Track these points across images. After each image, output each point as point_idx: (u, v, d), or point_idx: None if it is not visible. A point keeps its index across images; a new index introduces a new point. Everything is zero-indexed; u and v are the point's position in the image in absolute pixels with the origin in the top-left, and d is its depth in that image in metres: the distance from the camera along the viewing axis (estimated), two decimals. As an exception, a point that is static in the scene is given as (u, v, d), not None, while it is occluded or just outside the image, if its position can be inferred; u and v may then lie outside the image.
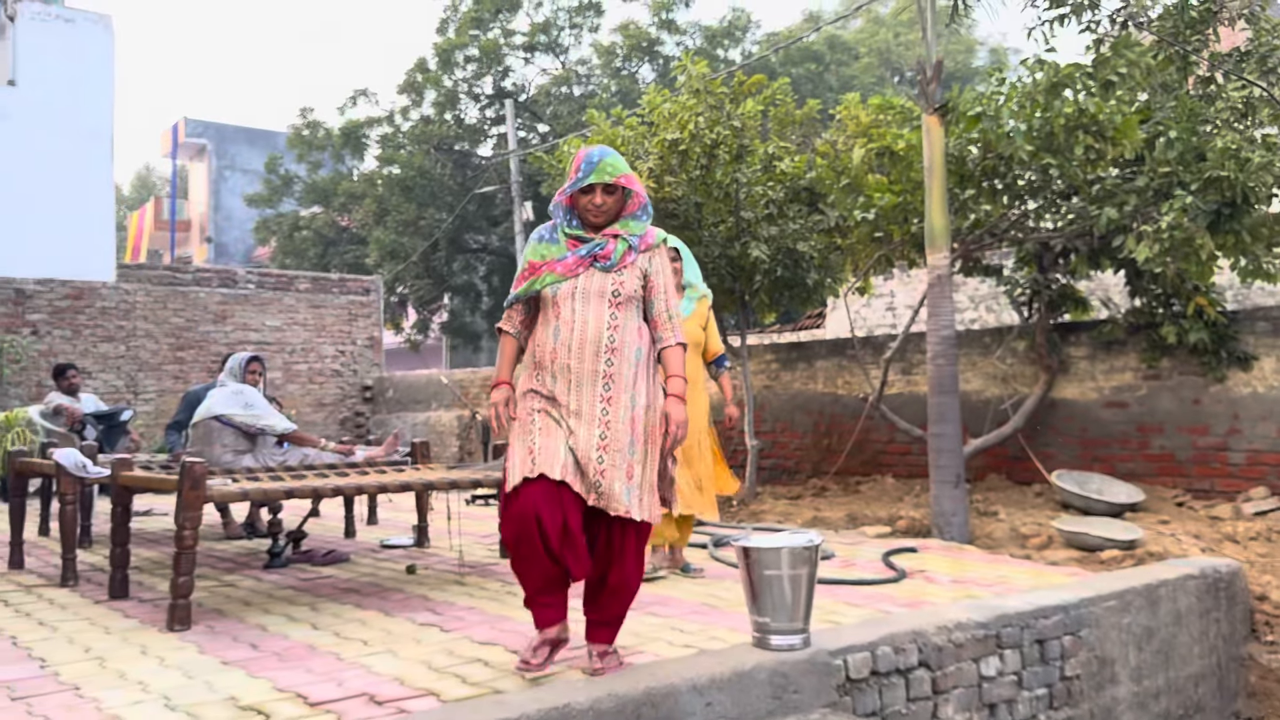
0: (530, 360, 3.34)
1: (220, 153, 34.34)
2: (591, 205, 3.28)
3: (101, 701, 3.06)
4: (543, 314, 3.33)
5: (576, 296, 3.25)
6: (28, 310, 12.36)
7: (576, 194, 3.30)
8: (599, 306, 3.25)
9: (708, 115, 7.76)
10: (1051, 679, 4.42)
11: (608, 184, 3.26)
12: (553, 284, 3.28)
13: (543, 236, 3.38)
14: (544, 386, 3.26)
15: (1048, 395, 8.30)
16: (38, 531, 7.14)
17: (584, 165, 3.25)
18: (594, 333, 3.22)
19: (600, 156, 3.26)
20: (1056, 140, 6.73)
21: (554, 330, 3.25)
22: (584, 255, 3.28)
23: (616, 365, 3.23)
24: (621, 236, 3.31)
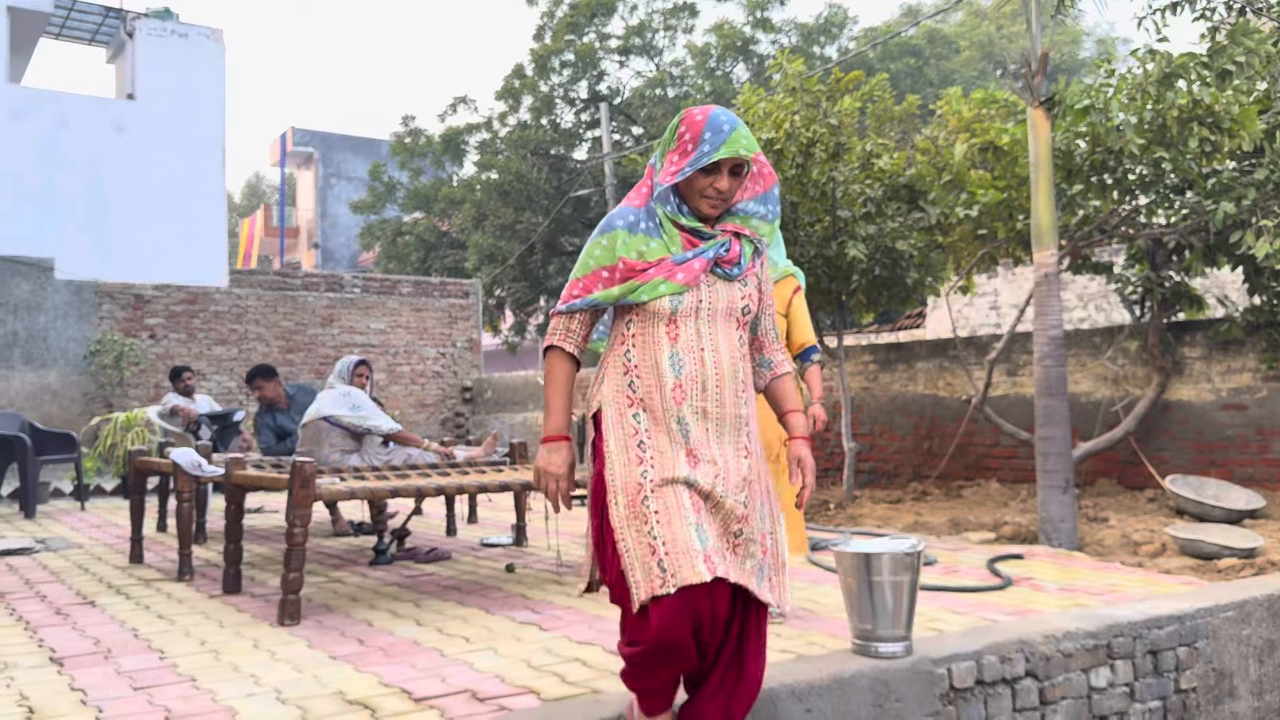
0: (621, 400, 2.46)
1: (326, 161, 35.35)
2: (713, 190, 2.45)
3: (217, 693, 3.17)
4: (640, 335, 2.46)
5: (702, 315, 2.45)
6: (146, 315, 12.90)
7: (695, 176, 2.44)
8: (728, 329, 2.49)
9: (804, 113, 7.69)
10: (1166, 691, 4.25)
11: (739, 161, 2.44)
12: (671, 295, 2.44)
13: (635, 225, 2.49)
14: (656, 439, 2.43)
15: (1161, 397, 8.01)
16: (156, 528, 7.44)
17: (709, 133, 2.40)
18: (729, 364, 2.46)
19: (732, 126, 2.42)
20: (1169, 133, 6.49)
21: (672, 359, 2.42)
22: (708, 257, 2.47)
23: (750, 408, 2.54)
24: (745, 236, 2.55)
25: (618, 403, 2.47)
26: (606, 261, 2.48)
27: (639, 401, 2.45)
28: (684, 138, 2.44)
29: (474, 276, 21.07)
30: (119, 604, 4.67)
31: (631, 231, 2.48)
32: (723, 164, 2.42)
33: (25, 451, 8.60)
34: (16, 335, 11.81)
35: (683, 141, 2.44)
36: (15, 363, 11.77)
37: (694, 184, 2.45)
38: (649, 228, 2.49)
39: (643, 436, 2.42)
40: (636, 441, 2.41)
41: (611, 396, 2.48)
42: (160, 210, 14.00)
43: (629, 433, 2.43)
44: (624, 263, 2.46)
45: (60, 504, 9.72)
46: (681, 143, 2.44)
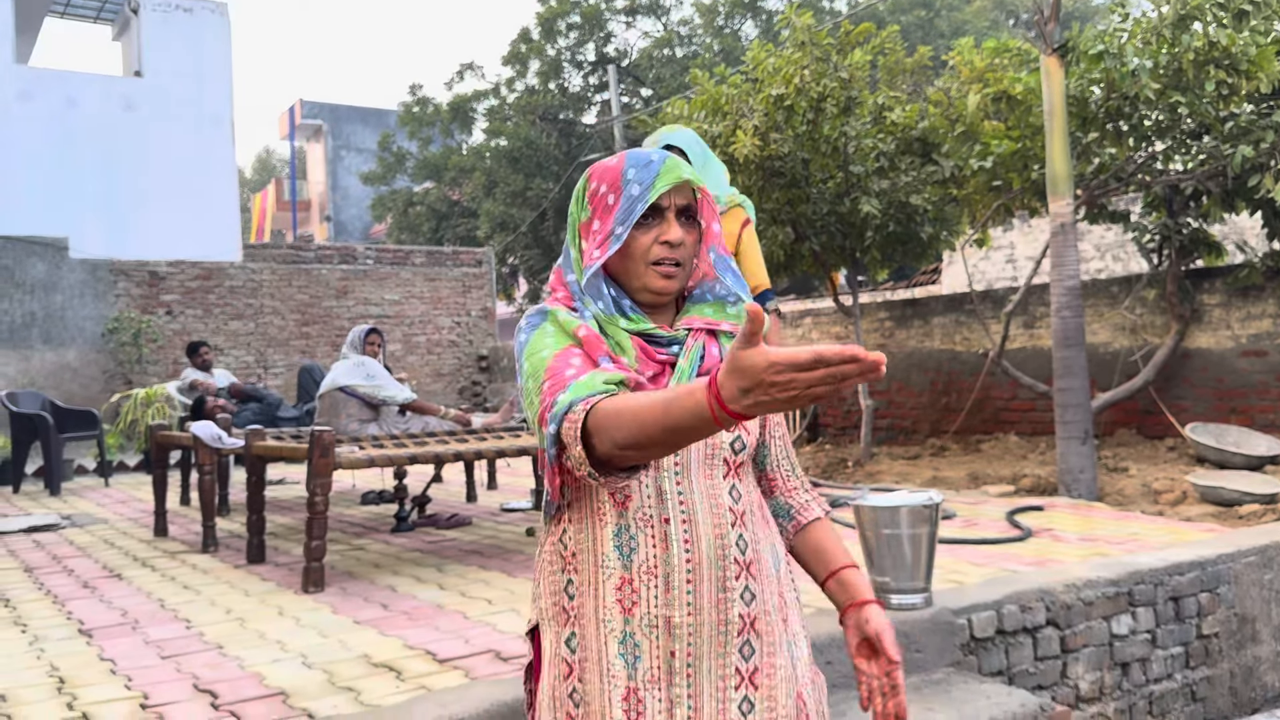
0: (556, 616, 1.54)
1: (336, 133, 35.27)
2: (662, 248, 1.55)
3: (244, 659, 3.21)
4: (576, 501, 1.54)
5: (662, 465, 1.51)
6: (162, 291, 12.94)
7: (632, 236, 1.55)
8: (709, 481, 1.52)
9: (814, 68, 7.60)
10: (1188, 637, 4.26)
11: (688, 201, 1.58)
12: None
13: (559, 309, 1.58)
14: (588, 685, 1.49)
15: (1180, 345, 7.95)
16: (179, 501, 7.51)
17: (633, 170, 1.55)
18: (712, 540, 1.49)
19: (662, 155, 1.57)
20: (1185, 77, 6.39)
21: (617, 539, 1.49)
22: (684, 378, 1.54)
23: (760, 597, 1.52)
24: (726, 334, 1.61)
25: (554, 621, 1.53)
26: (562, 343, 1.52)
27: (574, 617, 1.50)
28: (598, 195, 1.56)
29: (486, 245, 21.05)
30: (145, 576, 4.72)
31: (569, 312, 1.58)
32: (666, 207, 1.54)
33: (48, 429, 8.68)
34: (34, 315, 11.88)
35: (598, 200, 1.56)
36: (34, 342, 11.85)
37: (632, 252, 1.54)
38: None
39: (575, 682, 1.49)
40: (568, 690, 1.49)
41: (549, 612, 1.54)
42: (172, 187, 14.00)
43: (559, 675, 1.50)
44: (579, 338, 1.52)
45: (84, 481, 9.82)
46: (597, 202, 1.56)
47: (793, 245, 8.62)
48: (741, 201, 3.78)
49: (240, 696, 2.82)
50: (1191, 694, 4.28)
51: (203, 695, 2.84)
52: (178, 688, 2.92)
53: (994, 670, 3.60)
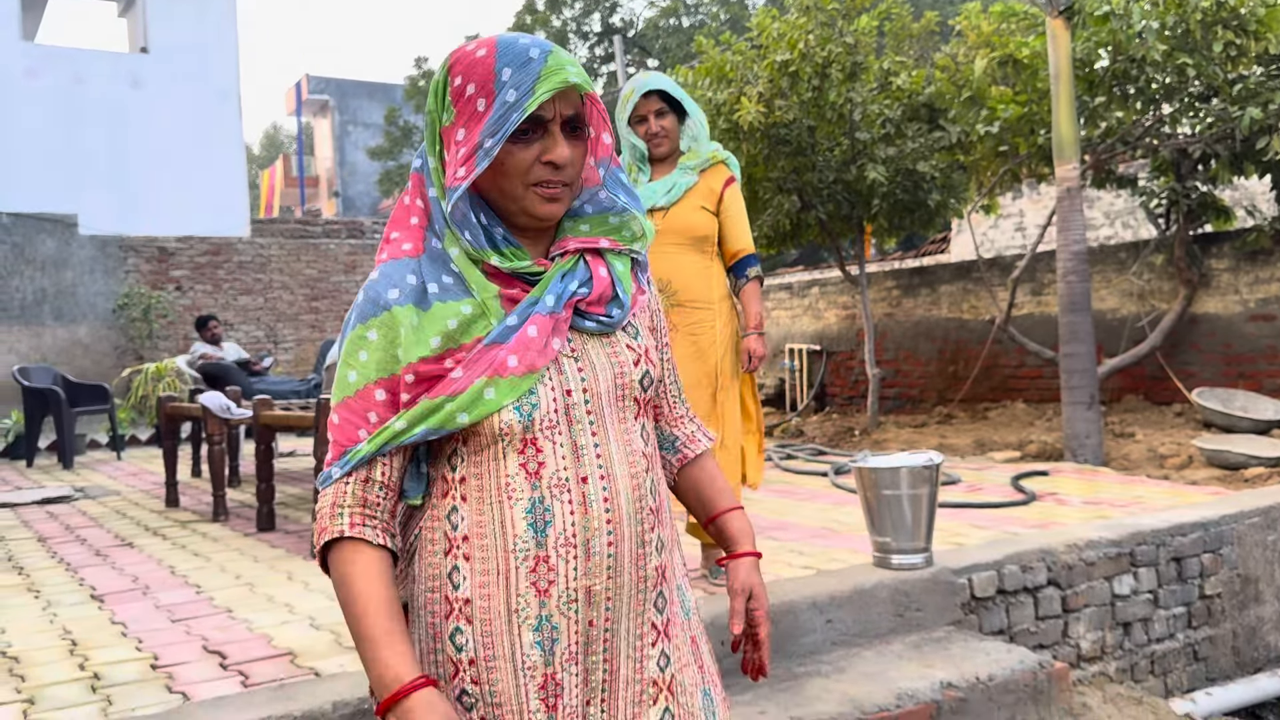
0: (435, 610, 1.33)
1: (342, 108, 35.19)
2: (544, 169, 1.30)
3: (252, 622, 3.25)
4: (473, 481, 1.31)
5: (577, 415, 1.33)
6: (171, 267, 12.99)
7: (508, 151, 1.28)
8: (623, 425, 1.37)
9: (819, 33, 7.56)
10: (1190, 598, 4.28)
11: (576, 108, 1.32)
12: (514, 403, 1.29)
13: (421, 290, 1.32)
14: (491, 682, 1.30)
15: (1187, 310, 7.93)
16: (190, 474, 7.58)
17: (509, 68, 1.26)
18: (630, 493, 1.35)
19: (544, 49, 1.29)
20: (1193, 38, 6.34)
21: (531, 514, 1.29)
22: (552, 307, 1.32)
23: (666, 543, 1.42)
24: (611, 251, 1.40)
25: (429, 614, 1.33)
26: (382, 372, 1.29)
27: (462, 610, 1.30)
28: (464, 95, 1.28)
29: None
30: (156, 544, 4.78)
31: (420, 305, 1.30)
32: (550, 119, 1.28)
33: (60, 404, 8.75)
34: (45, 291, 11.95)
35: (465, 102, 1.28)
36: (46, 318, 11.93)
37: (508, 169, 1.28)
38: (445, 287, 1.31)
39: (466, 684, 1.30)
40: (456, 694, 1.31)
41: (422, 601, 1.34)
42: (180, 163, 14.03)
43: (445, 677, 1.31)
44: (415, 369, 1.28)
45: (97, 454, 9.91)
46: (463, 105, 1.28)
47: (799, 214, 8.61)
48: (726, 158, 3.56)
49: (249, 657, 2.86)
50: (1194, 654, 4.30)
51: (212, 656, 2.89)
52: (187, 649, 2.97)
53: (995, 629, 3.63)
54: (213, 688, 2.59)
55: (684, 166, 3.51)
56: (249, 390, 7.24)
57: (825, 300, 11.82)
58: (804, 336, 12.08)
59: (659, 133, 3.49)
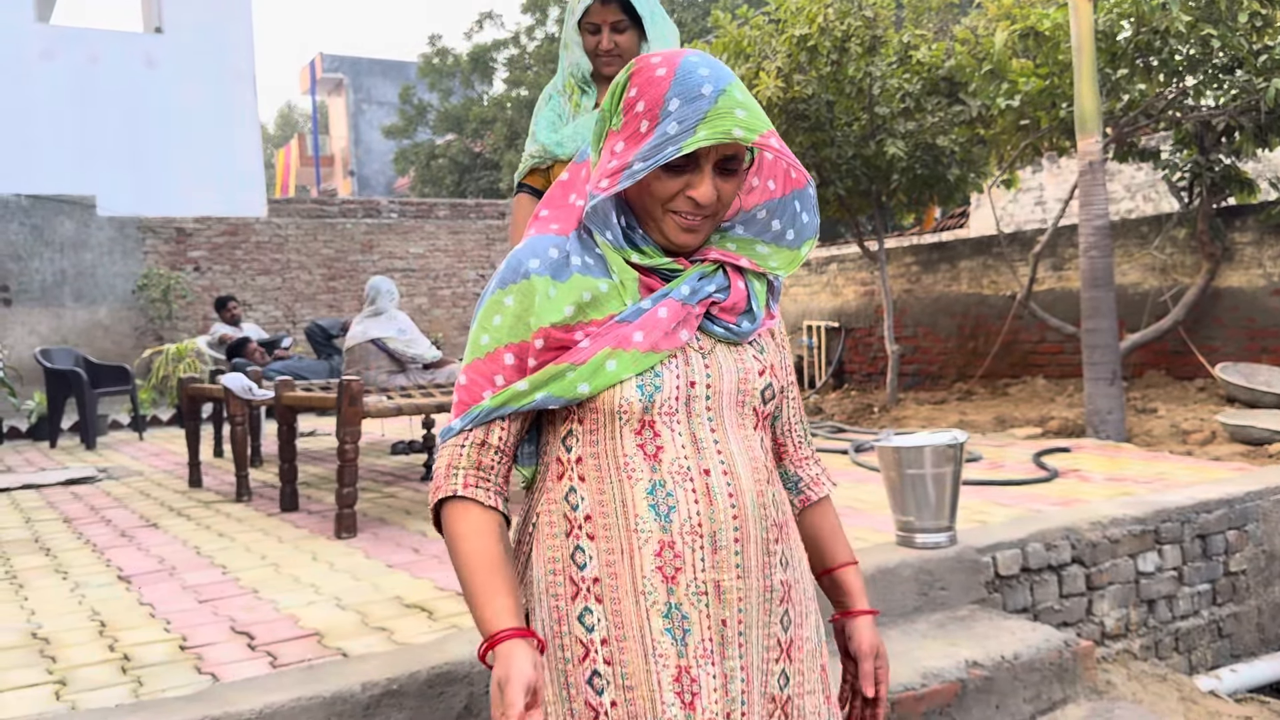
0: (560, 591, 1.33)
1: (357, 86, 35.13)
2: (686, 203, 1.30)
3: (278, 602, 3.28)
4: (591, 459, 1.33)
5: (698, 408, 1.33)
6: (189, 248, 13.03)
7: (655, 175, 1.29)
8: (743, 430, 1.36)
9: (838, 6, 7.48)
10: (1215, 574, 4.26)
11: (734, 151, 1.30)
12: (636, 378, 1.30)
13: (562, 264, 1.35)
14: (624, 663, 1.29)
15: (1210, 285, 7.86)
16: (213, 454, 7.63)
17: (677, 100, 1.26)
18: (754, 494, 1.33)
19: (718, 87, 1.26)
20: (1217, 8, 6.25)
21: (652, 496, 1.29)
22: (685, 298, 1.33)
23: (792, 563, 1.40)
24: (750, 271, 1.39)
25: (552, 596, 1.32)
26: (513, 337, 1.32)
27: (590, 589, 1.30)
28: (633, 109, 1.28)
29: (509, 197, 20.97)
30: (180, 525, 4.82)
31: (557, 276, 1.32)
32: (704, 156, 1.27)
33: (82, 385, 8.81)
34: (65, 273, 12.01)
35: (632, 116, 1.28)
36: (66, 300, 12.00)
37: (653, 191, 1.29)
38: (587, 265, 1.34)
39: (598, 665, 1.29)
40: (584, 676, 1.29)
41: (544, 585, 1.33)
42: (196, 143, 14.04)
43: (573, 659, 1.30)
44: (547, 333, 1.30)
45: (119, 435, 9.99)
46: (630, 117, 1.29)
47: (817, 190, 8.54)
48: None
49: (276, 637, 2.88)
50: (1218, 630, 4.29)
51: (240, 636, 2.91)
52: (215, 629, 2.99)
53: (1019, 607, 3.62)
54: (242, 668, 2.61)
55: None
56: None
57: (844, 276, 11.77)
58: (822, 313, 12.03)
59: (611, 49, 2.83)
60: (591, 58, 2.87)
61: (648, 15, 2.84)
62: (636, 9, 2.81)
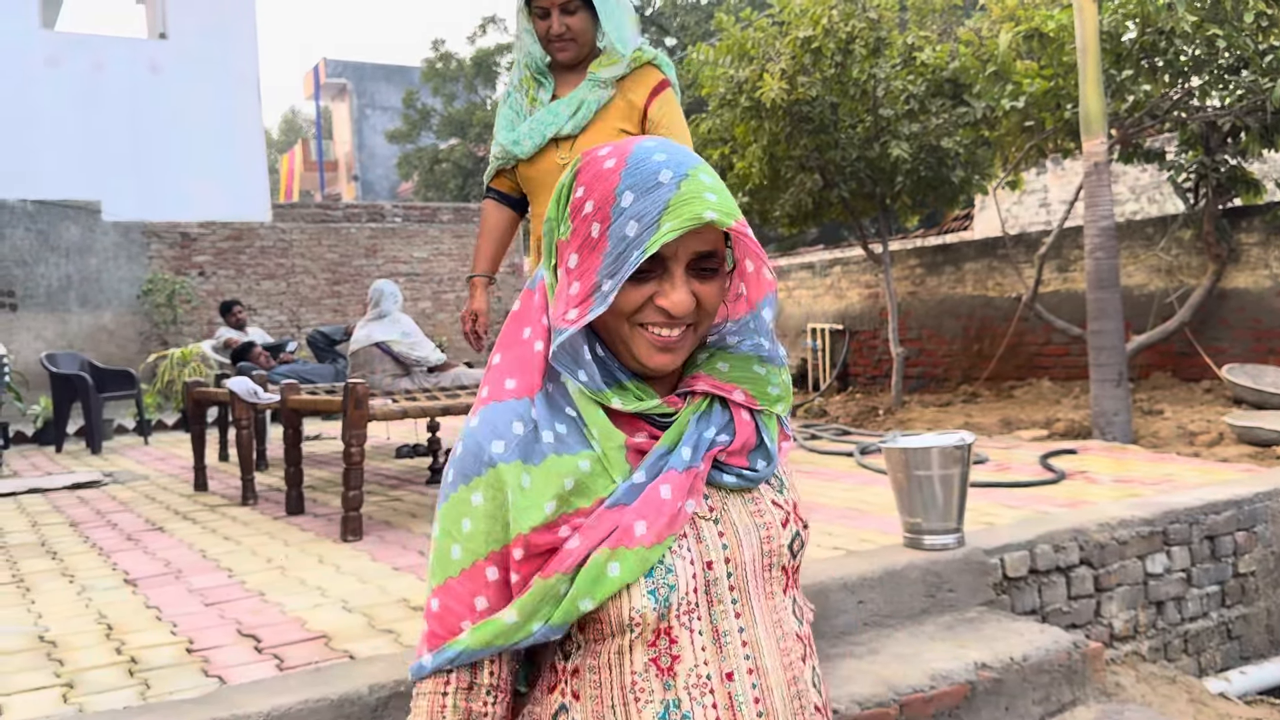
0: None
1: (360, 91, 35.20)
2: (656, 314, 1.07)
3: (285, 605, 3.27)
4: (590, 674, 1.08)
5: (720, 593, 1.09)
6: (194, 253, 13.05)
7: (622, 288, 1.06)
8: (770, 603, 1.14)
9: (842, 8, 7.48)
10: (1224, 576, 4.24)
11: (710, 245, 1.08)
12: (645, 582, 1.05)
13: (530, 445, 1.07)
14: None
15: (1216, 286, 7.83)
16: (218, 457, 7.63)
17: (631, 190, 1.04)
18: (784, 690, 1.12)
19: (680, 168, 1.05)
20: (1223, 9, 6.24)
21: (661, 718, 1.05)
22: (688, 461, 1.08)
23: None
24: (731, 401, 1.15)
25: None
26: (492, 543, 1.07)
27: None
28: (581, 210, 1.07)
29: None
30: (186, 528, 4.82)
31: (529, 460, 1.07)
32: (673, 256, 1.06)
33: (88, 389, 8.82)
34: (70, 278, 12.03)
35: (581, 220, 1.07)
36: (71, 305, 12.02)
37: (615, 304, 1.07)
38: (561, 438, 1.08)
39: None
40: None
41: None
42: (200, 148, 14.07)
43: None
44: (526, 541, 1.05)
45: (124, 439, 9.99)
46: (580, 222, 1.07)
47: (821, 192, 8.55)
48: (653, 56, 2.68)
49: (283, 640, 2.88)
50: (1228, 632, 4.27)
51: (246, 639, 2.91)
52: (222, 632, 2.99)
53: (1027, 609, 3.61)
54: (249, 671, 2.61)
55: (594, 79, 2.63)
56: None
57: (848, 279, 11.76)
58: (826, 316, 12.02)
59: (563, 33, 2.60)
60: (544, 45, 2.65)
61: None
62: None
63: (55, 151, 13.09)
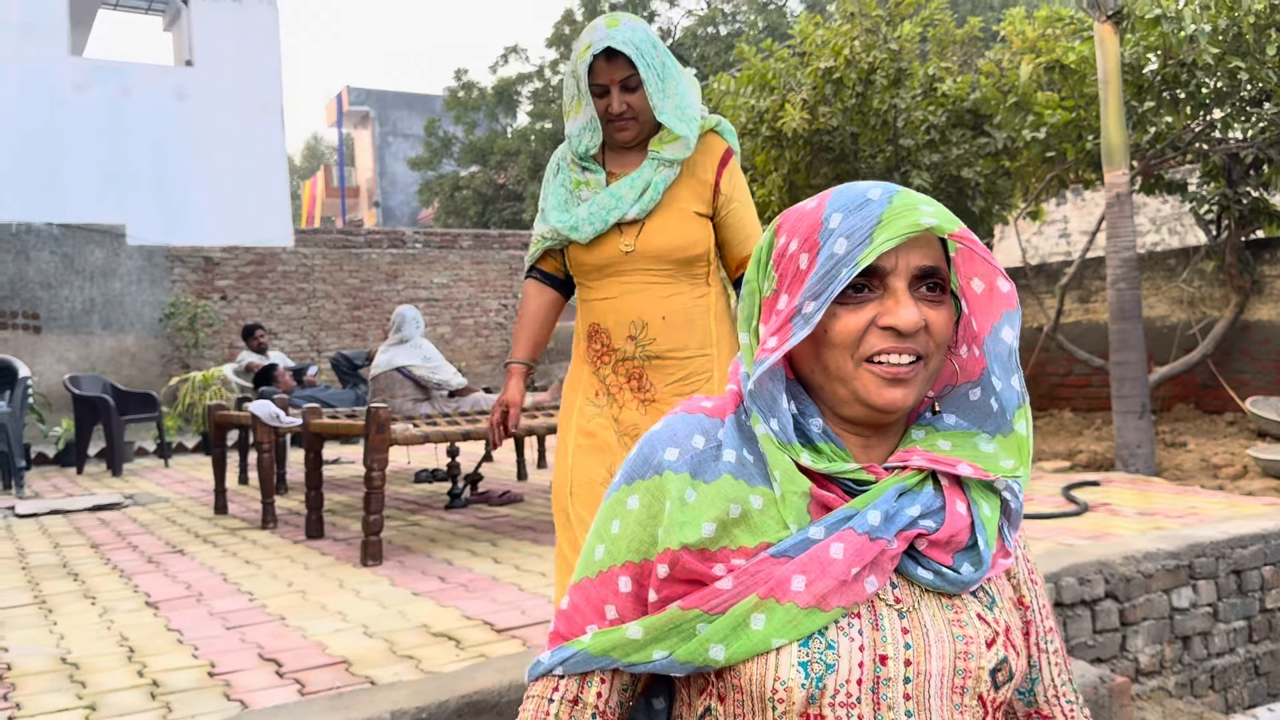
0: None
1: (382, 119, 35.53)
2: (880, 339, 0.95)
3: (306, 630, 3.27)
4: None
5: (886, 699, 0.92)
6: (216, 277, 13.16)
7: (833, 313, 0.96)
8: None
9: (863, 39, 7.52)
10: (1251, 611, 4.19)
11: (933, 260, 0.98)
12: (786, 639, 0.91)
13: (705, 460, 1.00)
14: None
15: (1240, 318, 7.79)
16: (238, 480, 7.65)
17: (841, 214, 0.96)
18: None
19: (888, 190, 0.97)
20: (1245, 41, 6.24)
21: None
22: (882, 532, 0.93)
23: None
24: (978, 482, 0.99)
25: None
26: (633, 553, 1.01)
27: None
28: (787, 254, 0.99)
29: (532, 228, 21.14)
30: (207, 551, 4.83)
31: (700, 475, 0.99)
32: (892, 273, 0.96)
33: (110, 412, 8.88)
34: (94, 301, 12.15)
35: (787, 263, 0.99)
36: (94, 328, 12.13)
37: (831, 338, 0.96)
38: (745, 463, 1.00)
39: None
40: None
41: None
42: (224, 174, 14.24)
43: None
44: (675, 558, 0.97)
45: (145, 462, 10.04)
46: (785, 266, 0.99)
47: (841, 221, 8.55)
48: (716, 124, 2.43)
49: (304, 665, 2.88)
50: (1255, 669, 4.21)
51: (268, 664, 2.90)
52: (243, 656, 2.99)
53: (1052, 642, 3.57)
54: (270, 695, 2.60)
55: (656, 157, 2.32)
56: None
57: (867, 308, 11.75)
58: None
59: (624, 112, 2.30)
60: (603, 124, 2.33)
61: (657, 62, 2.28)
62: (636, 65, 2.23)
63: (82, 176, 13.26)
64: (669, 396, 2.33)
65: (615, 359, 2.37)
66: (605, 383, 2.39)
